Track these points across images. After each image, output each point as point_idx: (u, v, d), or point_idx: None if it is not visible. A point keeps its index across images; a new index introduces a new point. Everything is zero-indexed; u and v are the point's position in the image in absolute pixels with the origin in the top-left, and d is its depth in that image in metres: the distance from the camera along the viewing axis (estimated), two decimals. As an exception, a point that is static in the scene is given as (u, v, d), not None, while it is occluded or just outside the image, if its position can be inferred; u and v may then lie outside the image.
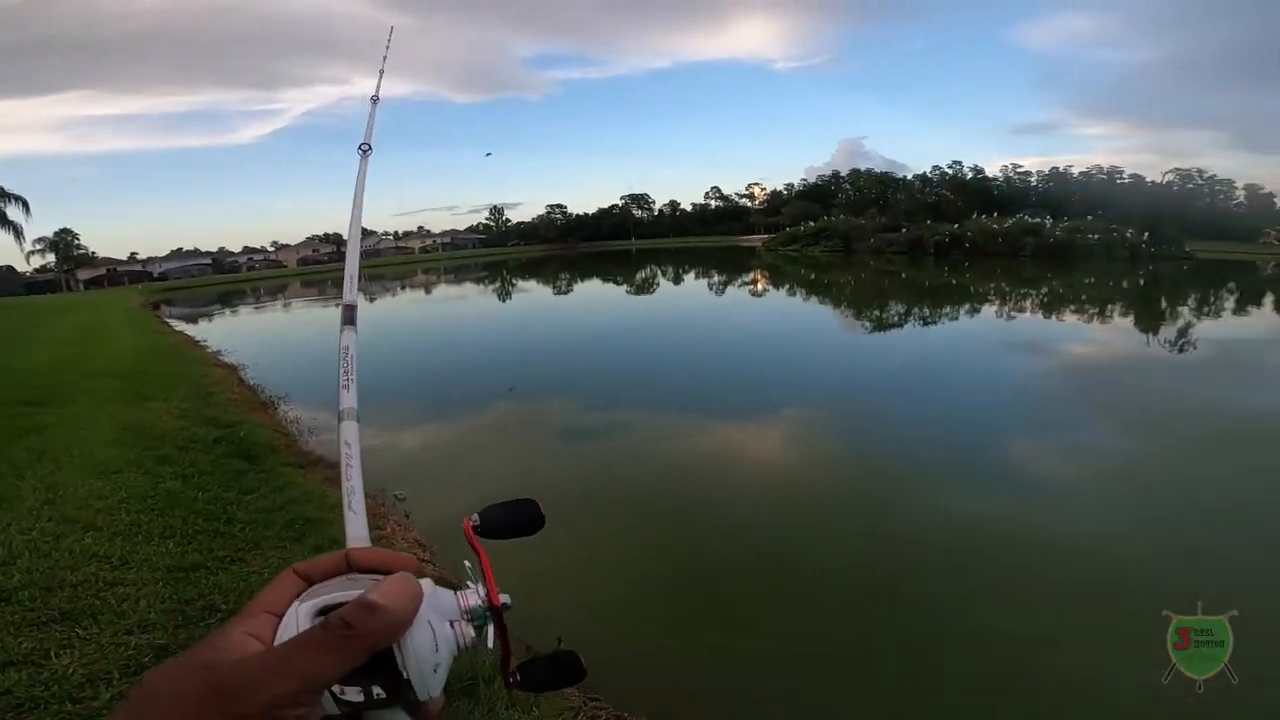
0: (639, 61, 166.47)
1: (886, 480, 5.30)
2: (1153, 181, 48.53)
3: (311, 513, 3.81)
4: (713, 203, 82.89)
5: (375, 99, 0.99)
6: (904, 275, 26.11)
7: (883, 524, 4.49)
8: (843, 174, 63.99)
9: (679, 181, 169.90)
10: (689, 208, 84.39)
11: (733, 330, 14.79)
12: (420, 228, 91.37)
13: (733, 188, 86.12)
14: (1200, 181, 47.60)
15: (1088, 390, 8.34)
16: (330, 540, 3.39)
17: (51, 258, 54.58)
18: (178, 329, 18.49)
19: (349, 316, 0.60)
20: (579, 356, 11.95)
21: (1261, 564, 3.83)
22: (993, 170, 54.14)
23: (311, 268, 63.80)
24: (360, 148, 0.85)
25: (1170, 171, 48.86)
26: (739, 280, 29.18)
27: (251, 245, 77.45)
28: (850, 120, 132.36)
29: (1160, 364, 9.90)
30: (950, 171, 52.70)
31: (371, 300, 30.22)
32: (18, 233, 31.91)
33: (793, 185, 73.49)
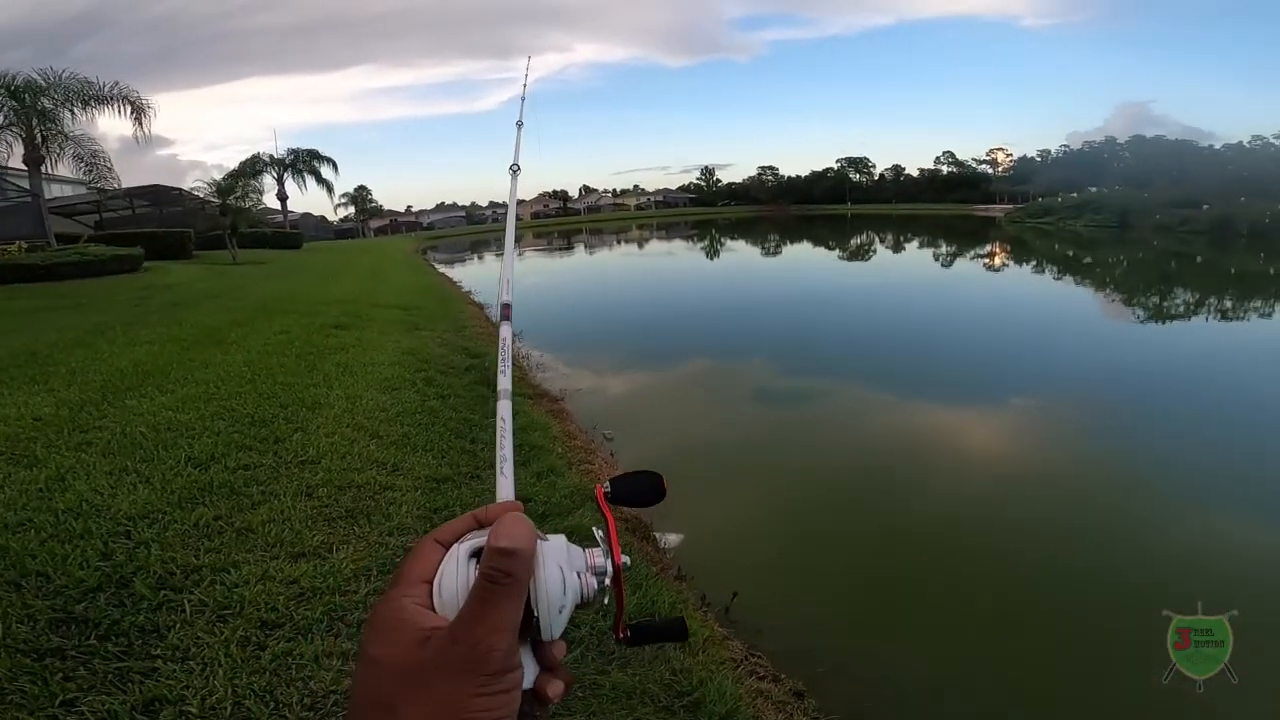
0: (854, 20, 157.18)
1: (1122, 505, 4.37)
2: None
3: (536, 440, 4.26)
4: (944, 168, 74.37)
5: (520, 124, 1.06)
6: (1199, 259, 20.93)
7: (1106, 556, 3.76)
8: (1121, 141, 52.62)
9: (903, 145, 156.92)
10: (915, 173, 77.14)
11: (957, 306, 13.25)
12: (635, 186, 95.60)
13: (970, 153, 76.27)
14: None
15: None
16: (548, 468, 3.80)
17: (352, 210, 67.10)
18: (440, 270, 21.84)
19: (506, 314, 0.65)
20: (779, 318, 11.70)
21: None
22: (1347, 143, 39.54)
23: (541, 221, 70.58)
24: (510, 168, 0.90)
25: None
26: (971, 252, 25.93)
27: (495, 200, 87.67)
28: (1130, 82, 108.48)
29: None
30: (1278, 143, 39.72)
31: (591, 253, 32.56)
32: (330, 188, 39.52)
33: (1048, 151, 62.64)
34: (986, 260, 23.19)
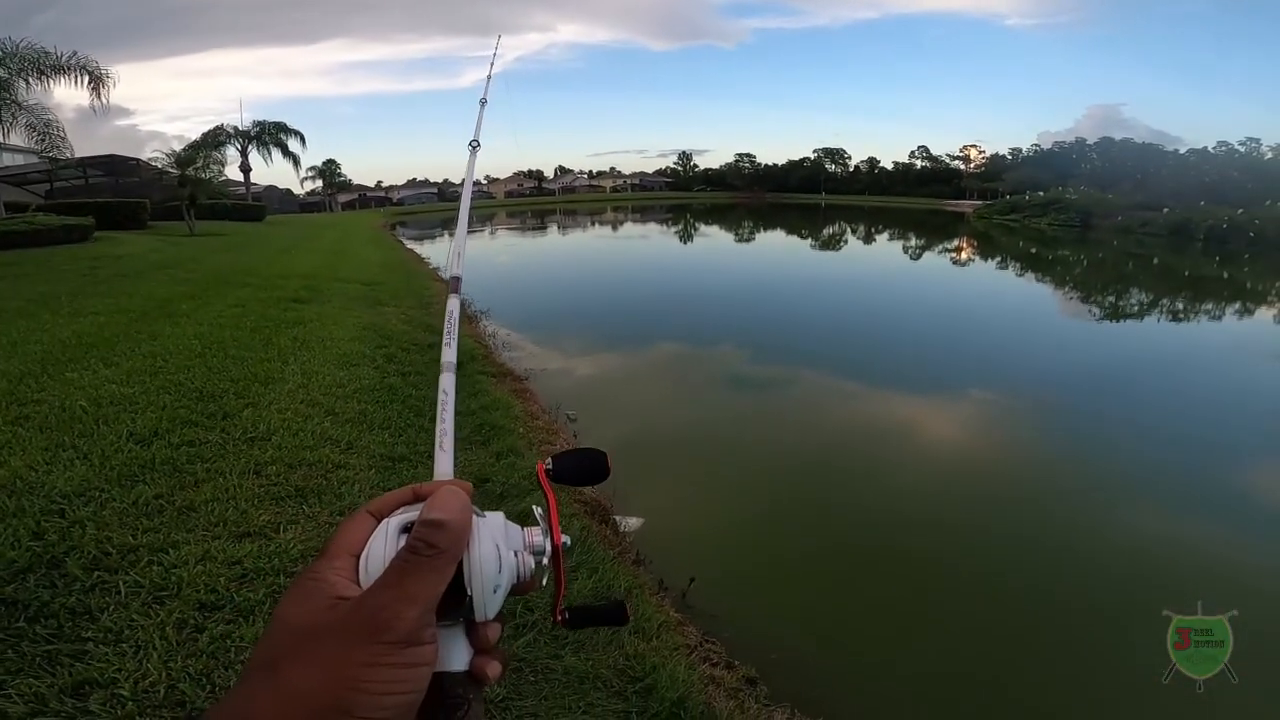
0: (841, 12, 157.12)
1: (1069, 494, 4.51)
2: None
3: (498, 420, 4.21)
4: (919, 163, 74.97)
5: (484, 101, 1.04)
6: (1156, 261, 21.63)
7: (1050, 538, 3.91)
8: (1090, 142, 53.55)
9: (880, 138, 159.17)
10: (890, 166, 77.63)
11: (922, 299, 13.50)
12: (612, 168, 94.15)
13: (944, 149, 76.92)
14: None
15: None
16: (508, 448, 3.75)
17: (319, 183, 65.05)
18: (408, 247, 21.39)
19: (455, 287, 0.65)
20: (749, 305, 11.78)
21: None
22: (1307, 150, 40.47)
23: (515, 200, 69.53)
24: (470, 144, 0.88)
25: None
26: (939, 247, 26.37)
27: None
28: (1103, 85, 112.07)
29: None
30: (1242, 149, 40.56)
31: (565, 233, 32.25)
32: (296, 161, 38.43)
33: (1020, 150, 63.57)
34: (953, 254, 23.60)
